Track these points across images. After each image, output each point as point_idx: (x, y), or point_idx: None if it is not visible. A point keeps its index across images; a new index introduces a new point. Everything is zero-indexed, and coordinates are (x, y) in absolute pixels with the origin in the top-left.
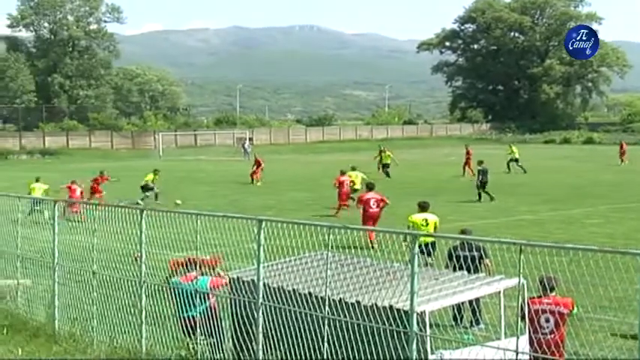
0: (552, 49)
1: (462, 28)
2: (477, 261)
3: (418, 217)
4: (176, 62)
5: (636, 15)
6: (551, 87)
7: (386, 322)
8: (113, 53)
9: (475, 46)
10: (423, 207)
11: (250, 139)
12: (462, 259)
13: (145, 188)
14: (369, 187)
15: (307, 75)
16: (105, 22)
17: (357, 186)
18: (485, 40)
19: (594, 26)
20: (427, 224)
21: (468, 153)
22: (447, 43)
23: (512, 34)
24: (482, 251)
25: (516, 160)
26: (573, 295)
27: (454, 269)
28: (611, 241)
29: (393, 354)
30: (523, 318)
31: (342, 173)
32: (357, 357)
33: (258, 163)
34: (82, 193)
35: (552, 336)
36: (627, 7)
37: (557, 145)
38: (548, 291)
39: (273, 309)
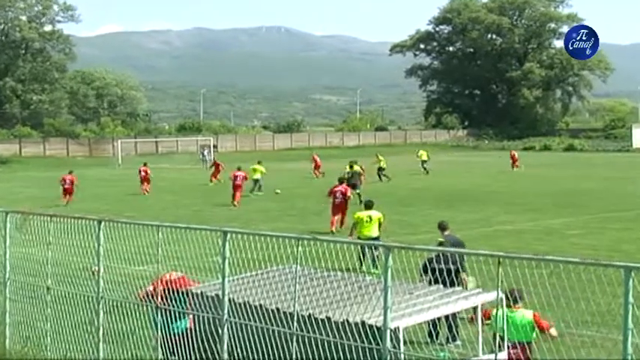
0: (532, 51)
1: (437, 29)
2: (454, 274)
3: (363, 214)
4: (136, 65)
5: (618, 16)
6: (531, 91)
7: (358, 339)
8: (69, 56)
9: (451, 49)
10: (367, 205)
11: (215, 147)
12: (437, 271)
13: (256, 180)
14: (340, 180)
15: (274, 79)
16: (59, 22)
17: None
18: (461, 42)
19: None
20: (371, 220)
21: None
22: (421, 46)
23: (489, 35)
24: (459, 264)
25: (424, 161)
26: (554, 310)
27: (429, 282)
28: (593, 252)
29: None
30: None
31: (239, 169)
32: None
33: (217, 166)
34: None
35: (515, 351)
36: (609, 8)
37: (537, 152)
38: (512, 302)
39: (238, 325)
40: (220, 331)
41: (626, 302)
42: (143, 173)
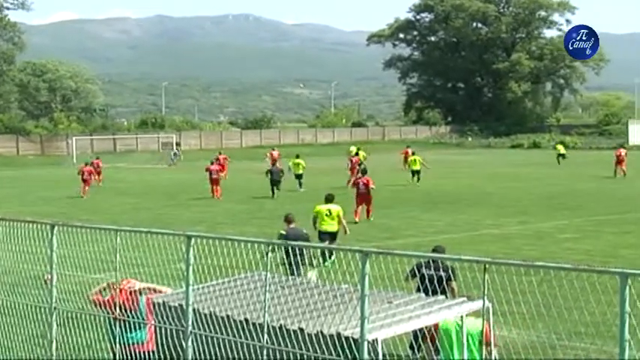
0: (520, 41)
1: (418, 17)
2: (445, 282)
3: (323, 207)
4: (91, 56)
5: (614, 3)
6: (519, 84)
7: (333, 352)
8: (17, 45)
9: (432, 39)
10: (328, 199)
11: (178, 144)
12: (426, 278)
13: (299, 176)
14: (363, 172)
15: (242, 71)
16: (7, 9)
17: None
18: (443, 31)
19: (567, 16)
20: (330, 213)
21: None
22: (401, 35)
23: (474, 24)
24: (450, 272)
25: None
26: (545, 320)
27: (417, 290)
28: (588, 258)
29: None
30: (488, 344)
31: (212, 163)
32: None
33: (223, 160)
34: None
35: None
36: None
37: (526, 150)
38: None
39: (204, 338)
40: (184, 345)
41: (623, 311)
42: (95, 166)
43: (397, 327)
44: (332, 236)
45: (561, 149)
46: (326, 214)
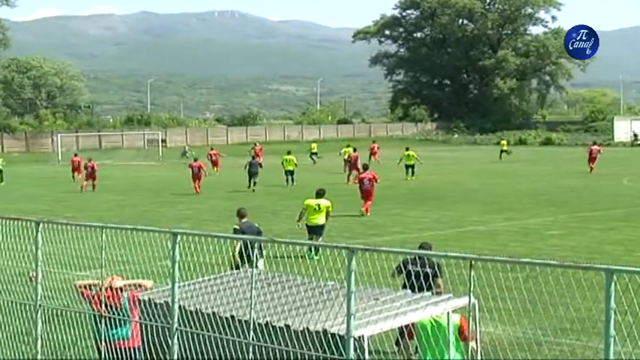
0: (506, 38)
1: (404, 14)
2: (431, 279)
3: (312, 202)
4: (77, 53)
5: (599, 1)
6: (505, 81)
7: (319, 349)
8: (2, 42)
9: (418, 35)
10: (318, 194)
11: (163, 141)
12: (412, 275)
13: (291, 172)
14: (365, 167)
15: (228, 67)
16: None
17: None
18: (429, 27)
19: (553, 12)
20: (319, 208)
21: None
22: (387, 32)
23: (460, 21)
24: (436, 268)
25: (315, 154)
26: (530, 316)
27: (403, 286)
28: (573, 254)
29: None
30: (465, 339)
31: (195, 160)
32: None
33: (214, 156)
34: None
35: None
36: None
37: (512, 147)
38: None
39: (190, 335)
40: (170, 342)
41: (608, 307)
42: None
43: (383, 324)
44: (318, 229)
45: (504, 145)
46: (314, 209)
